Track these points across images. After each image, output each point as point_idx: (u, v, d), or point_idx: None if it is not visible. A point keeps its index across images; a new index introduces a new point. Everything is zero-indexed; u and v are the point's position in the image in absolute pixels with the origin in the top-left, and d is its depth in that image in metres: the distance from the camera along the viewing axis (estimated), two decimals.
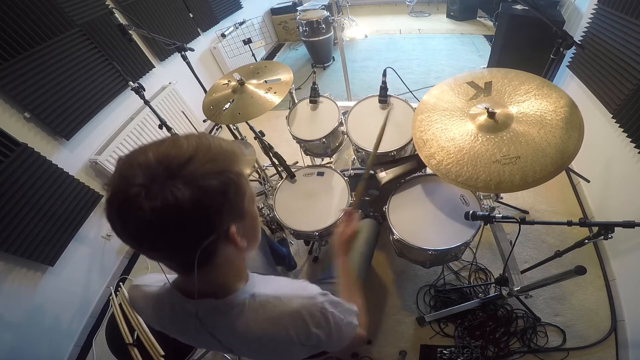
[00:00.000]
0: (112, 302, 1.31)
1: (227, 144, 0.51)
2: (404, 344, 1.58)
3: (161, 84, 2.59)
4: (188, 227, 0.45)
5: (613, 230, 0.90)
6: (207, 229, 0.47)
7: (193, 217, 0.44)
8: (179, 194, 0.42)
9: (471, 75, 1.24)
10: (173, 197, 0.41)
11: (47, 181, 1.63)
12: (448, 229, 1.23)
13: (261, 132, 1.79)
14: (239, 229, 0.51)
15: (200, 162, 0.45)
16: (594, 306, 1.57)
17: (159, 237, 0.45)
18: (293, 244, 2.01)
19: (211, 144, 0.48)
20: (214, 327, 0.62)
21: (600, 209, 1.85)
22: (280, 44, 4.71)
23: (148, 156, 0.44)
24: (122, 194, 0.43)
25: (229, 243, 0.51)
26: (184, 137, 0.48)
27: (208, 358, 1.58)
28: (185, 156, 0.44)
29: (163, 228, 0.43)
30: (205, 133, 0.53)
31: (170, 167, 0.43)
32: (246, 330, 0.60)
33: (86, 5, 1.93)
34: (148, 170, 0.43)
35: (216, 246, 0.50)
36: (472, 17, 4.39)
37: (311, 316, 0.60)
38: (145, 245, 0.47)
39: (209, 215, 0.46)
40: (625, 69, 1.55)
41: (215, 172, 0.45)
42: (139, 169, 0.43)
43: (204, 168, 0.45)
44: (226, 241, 0.51)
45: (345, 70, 2.64)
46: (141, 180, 0.42)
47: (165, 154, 0.44)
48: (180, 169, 0.43)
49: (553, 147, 0.97)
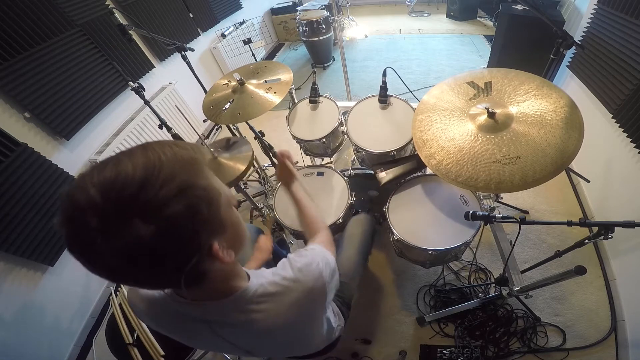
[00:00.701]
0: (112, 302, 1.31)
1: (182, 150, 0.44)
2: (404, 344, 1.58)
3: (161, 84, 2.59)
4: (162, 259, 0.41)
5: (613, 230, 0.90)
6: (184, 254, 0.43)
7: (164, 249, 0.40)
8: (140, 232, 0.37)
9: (471, 75, 1.24)
10: (135, 236, 0.37)
11: (47, 181, 1.63)
12: (448, 229, 1.23)
13: (261, 132, 1.79)
14: (222, 242, 0.48)
15: (155, 186, 0.38)
16: (594, 306, 1.57)
17: (136, 275, 0.42)
18: (293, 244, 2.01)
19: (162, 158, 0.40)
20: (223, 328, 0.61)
21: (600, 209, 1.85)
22: (280, 44, 4.71)
23: (89, 193, 0.37)
24: (79, 242, 0.38)
25: (215, 260, 0.47)
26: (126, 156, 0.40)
27: (208, 358, 1.58)
28: (134, 184, 0.37)
29: (136, 267, 0.40)
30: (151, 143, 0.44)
31: (120, 203, 0.37)
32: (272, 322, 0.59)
33: (86, 5, 1.93)
34: (96, 210, 0.37)
35: (203, 265, 0.47)
36: (472, 17, 4.38)
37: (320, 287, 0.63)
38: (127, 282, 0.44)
39: (182, 241, 0.41)
40: (625, 69, 1.55)
41: (176, 195, 0.39)
42: (86, 210, 0.37)
43: (161, 193, 0.38)
44: (211, 259, 0.47)
45: (345, 70, 2.64)
46: (93, 224, 0.36)
47: (109, 186, 0.37)
48: (133, 202, 0.37)
49: (553, 147, 0.97)
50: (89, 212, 0.37)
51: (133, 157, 0.40)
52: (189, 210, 0.40)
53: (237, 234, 0.54)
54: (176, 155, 0.42)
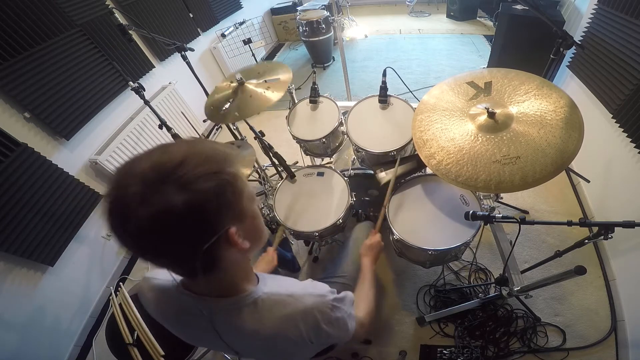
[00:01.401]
0: (112, 302, 1.31)
1: (220, 146, 0.51)
2: (404, 344, 1.58)
3: (161, 84, 2.59)
4: (185, 231, 0.45)
5: (613, 230, 0.90)
6: (205, 231, 0.47)
7: (189, 220, 0.44)
8: (173, 199, 0.42)
9: (471, 75, 1.24)
10: (167, 202, 0.42)
11: (47, 181, 1.63)
12: (448, 229, 1.23)
13: (261, 132, 1.79)
14: (239, 230, 0.51)
15: (192, 165, 0.45)
16: (594, 306, 1.57)
17: (159, 243, 0.45)
18: (293, 244, 2.01)
19: (202, 147, 0.49)
20: (222, 327, 0.62)
21: (600, 209, 1.85)
22: (280, 44, 4.71)
23: (141, 164, 0.45)
24: (119, 203, 0.44)
25: (231, 246, 0.50)
26: (173, 144, 0.49)
27: (208, 358, 1.58)
28: (176, 161, 0.44)
29: (161, 233, 0.44)
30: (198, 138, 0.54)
31: (162, 172, 0.43)
32: (258, 329, 0.60)
33: (86, 5, 1.93)
34: (141, 177, 0.43)
35: (218, 250, 0.50)
36: (472, 17, 4.39)
37: (321, 313, 0.63)
38: (148, 252, 0.48)
39: (205, 217, 0.46)
40: (625, 69, 1.55)
41: (208, 173, 0.45)
42: (132, 178, 0.44)
43: (196, 170, 0.44)
44: (227, 244, 0.50)
45: (345, 70, 2.64)
46: (135, 188, 0.43)
47: (156, 161, 0.45)
48: (172, 173, 0.43)
49: (553, 147, 0.97)
50: (136, 178, 0.43)
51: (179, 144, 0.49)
52: (215, 190, 0.46)
53: (255, 227, 0.57)
54: (214, 148, 0.50)
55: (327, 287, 0.68)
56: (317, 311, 0.62)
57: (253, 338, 0.62)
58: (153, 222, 0.42)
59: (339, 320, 0.65)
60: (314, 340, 0.63)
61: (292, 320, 0.61)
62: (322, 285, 0.69)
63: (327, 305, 0.64)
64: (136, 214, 0.42)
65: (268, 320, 0.60)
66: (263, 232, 0.61)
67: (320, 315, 0.62)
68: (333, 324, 0.64)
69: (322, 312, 0.63)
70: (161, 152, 0.47)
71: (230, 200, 0.48)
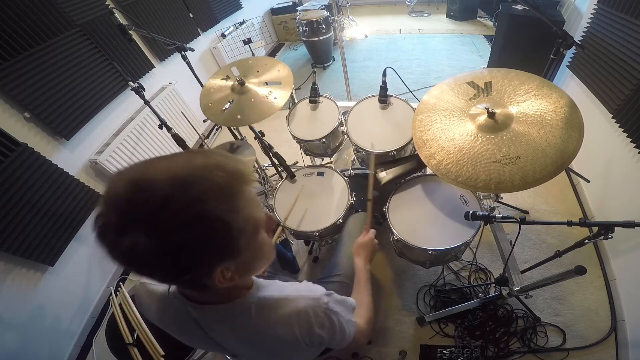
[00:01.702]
0: (112, 302, 1.31)
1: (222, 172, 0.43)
2: (404, 344, 1.58)
3: (161, 84, 2.59)
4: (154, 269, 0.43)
5: (613, 230, 0.90)
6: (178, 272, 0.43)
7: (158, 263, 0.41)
8: (142, 244, 0.38)
9: (471, 75, 1.24)
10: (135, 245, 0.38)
11: (47, 181, 1.63)
12: (448, 229, 1.23)
13: (261, 132, 1.79)
14: (230, 266, 0.47)
15: (176, 206, 0.38)
16: (594, 306, 1.57)
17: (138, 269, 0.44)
18: (293, 243, 2.01)
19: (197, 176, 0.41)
20: (217, 333, 0.62)
21: (600, 209, 1.85)
22: (280, 44, 4.70)
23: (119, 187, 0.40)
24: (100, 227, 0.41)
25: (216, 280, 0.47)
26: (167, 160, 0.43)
27: (208, 358, 1.58)
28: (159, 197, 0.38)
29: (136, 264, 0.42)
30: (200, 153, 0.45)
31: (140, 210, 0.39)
32: (253, 334, 0.60)
33: (86, 5, 1.93)
34: (120, 207, 0.39)
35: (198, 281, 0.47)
36: (472, 17, 4.39)
37: (315, 316, 0.61)
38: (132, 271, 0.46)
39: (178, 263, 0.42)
40: (625, 69, 1.55)
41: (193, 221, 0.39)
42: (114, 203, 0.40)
43: (179, 216, 0.39)
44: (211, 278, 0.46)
45: (345, 70, 2.64)
46: (112, 218, 0.39)
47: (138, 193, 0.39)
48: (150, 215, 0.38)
49: (553, 147, 0.97)
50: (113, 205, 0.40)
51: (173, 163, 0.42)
52: (200, 239, 0.40)
53: (255, 260, 0.53)
54: (213, 178, 0.42)
55: (322, 290, 0.66)
56: (311, 313, 0.61)
57: (249, 342, 0.62)
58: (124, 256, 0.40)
59: (333, 324, 0.63)
60: (308, 343, 0.62)
61: (285, 323, 0.59)
62: (318, 288, 0.67)
63: (320, 308, 0.62)
64: (111, 243, 0.40)
65: (263, 324, 0.59)
66: (265, 259, 0.57)
67: (314, 318, 0.60)
68: (327, 328, 0.62)
69: (315, 315, 0.61)
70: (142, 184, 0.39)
71: (220, 244, 0.43)
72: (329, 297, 0.65)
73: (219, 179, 0.42)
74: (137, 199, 0.39)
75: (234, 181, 0.44)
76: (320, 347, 0.67)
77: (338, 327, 0.64)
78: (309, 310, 0.61)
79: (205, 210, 0.40)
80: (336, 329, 0.64)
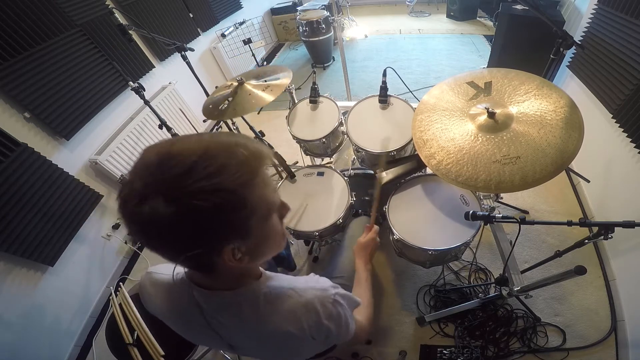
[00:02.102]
0: (112, 302, 1.31)
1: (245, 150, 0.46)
2: (404, 344, 1.58)
3: (161, 84, 2.59)
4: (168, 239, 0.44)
5: (613, 230, 0.90)
6: (192, 243, 0.44)
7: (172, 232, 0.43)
8: (160, 210, 0.40)
9: (471, 75, 1.24)
10: (155, 213, 0.40)
11: (47, 181, 1.63)
12: (448, 229, 1.23)
13: (261, 132, 1.79)
14: (240, 247, 0.49)
15: (199, 175, 0.41)
16: (594, 306, 1.57)
17: (152, 240, 0.46)
18: (293, 244, 2.01)
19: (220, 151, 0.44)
20: (219, 323, 0.61)
21: (600, 209, 1.85)
22: (280, 44, 4.71)
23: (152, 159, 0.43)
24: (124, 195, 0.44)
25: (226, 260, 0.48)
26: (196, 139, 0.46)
27: (208, 358, 1.58)
28: (184, 166, 0.41)
29: (151, 233, 0.44)
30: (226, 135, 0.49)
31: (162, 178, 0.41)
32: (260, 324, 0.59)
33: (86, 5, 1.93)
34: (146, 175, 0.42)
35: (206, 259, 0.49)
36: (472, 17, 4.39)
37: (323, 307, 0.61)
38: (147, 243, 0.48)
39: (194, 232, 0.43)
40: (625, 69, 1.55)
41: (215, 189, 0.42)
42: (141, 171, 0.43)
43: (201, 183, 0.41)
44: (220, 257, 0.48)
45: (345, 70, 2.64)
46: (138, 185, 0.42)
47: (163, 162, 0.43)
48: (173, 181, 0.41)
49: (553, 147, 0.97)
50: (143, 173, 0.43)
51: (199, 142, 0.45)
52: (214, 209, 0.42)
53: (264, 245, 0.54)
54: (235, 153, 0.45)
55: (329, 282, 0.67)
56: (319, 305, 0.61)
57: (254, 333, 0.61)
58: (143, 223, 0.43)
59: (340, 317, 0.64)
60: (315, 336, 0.62)
61: (293, 315, 0.60)
62: (325, 280, 0.68)
63: (328, 299, 0.62)
64: (131, 211, 0.42)
65: (270, 314, 0.59)
66: (275, 247, 0.58)
67: (322, 309, 0.61)
68: (334, 320, 0.63)
69: (323, 306, 0.61)
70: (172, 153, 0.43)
71: (233, 220, 0.45)
72: (335, 289, 0.66)
73: (241, 155, 0.45)
74: (166, 165, 0.42)
75: (253, 160, 0.46)
76: (326, 341, 0.67)
77: (343, 320, 0.65)
78: (316, 300, 0.61)
79: (224, 181, 0.42)
80: (342, 321, 0.65)
